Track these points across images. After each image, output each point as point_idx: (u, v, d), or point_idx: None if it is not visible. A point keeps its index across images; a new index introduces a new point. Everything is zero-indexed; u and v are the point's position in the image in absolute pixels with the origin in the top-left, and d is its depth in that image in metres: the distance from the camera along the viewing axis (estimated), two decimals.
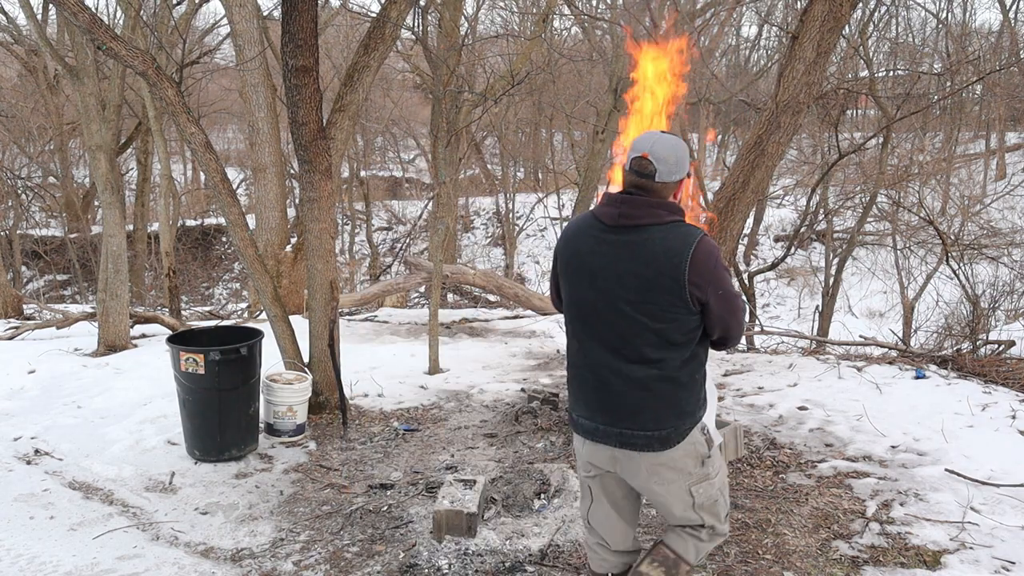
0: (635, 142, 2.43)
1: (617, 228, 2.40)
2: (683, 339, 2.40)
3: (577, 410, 2.58)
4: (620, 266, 2.38)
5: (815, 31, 6.53)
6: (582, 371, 2.54)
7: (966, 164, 18.87)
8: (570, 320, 2.58)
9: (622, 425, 2.46)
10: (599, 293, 2.43)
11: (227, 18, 9.06)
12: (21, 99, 19.77)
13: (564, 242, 2.55)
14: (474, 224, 25.86)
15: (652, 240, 2.36)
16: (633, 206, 2.39)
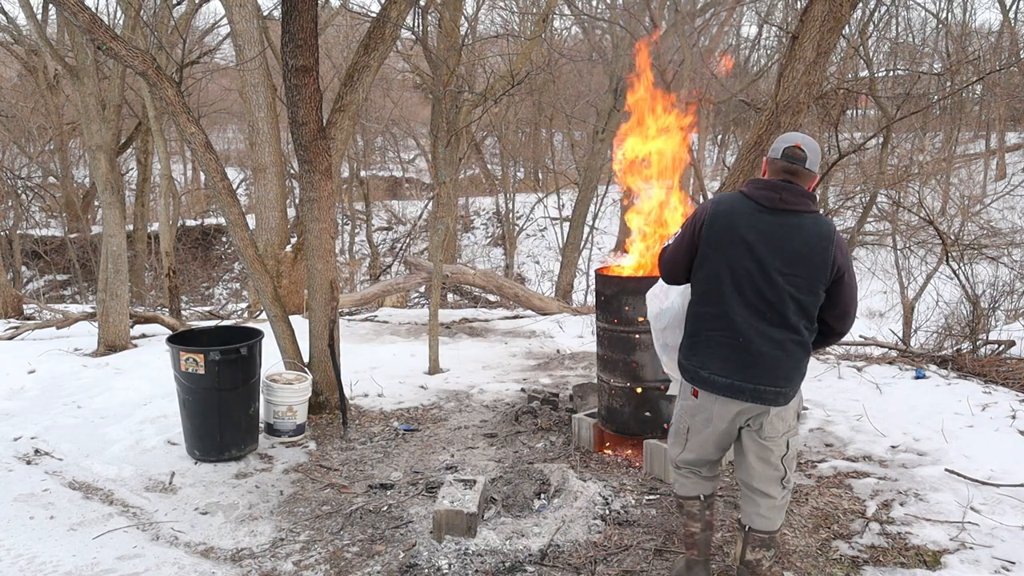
0: (784, 137, 2.94)
1: (775, 211, 2.84)
2: (814, 311, 2.86)
3: (710, 368, 2.92)
4: (776, 243, 2.80)
5: (815, 31, 6.53)
6: (723, 333, 2.89)
7: (966, 164, 18.86)
8: (713, 286, 2.90)
9: (757, 381, 2.85)
10: (756, 263, 2.81)
11: (227, 18, 9.06)
12: (21, 99, 19.76)
13: (716, 217, 2.89)
14: (474, 224, 25.86)
15: (805, 224, 2.82)
16: (792, 193, 2.85)
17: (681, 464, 3.18)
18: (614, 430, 4.62)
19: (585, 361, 7.21)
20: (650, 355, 4.39)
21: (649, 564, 3.42)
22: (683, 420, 3.12)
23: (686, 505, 3.18)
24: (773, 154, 2.93)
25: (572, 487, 4.06)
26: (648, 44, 4.71)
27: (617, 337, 4.48)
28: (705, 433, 3.04)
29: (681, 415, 3.13)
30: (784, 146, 2.91)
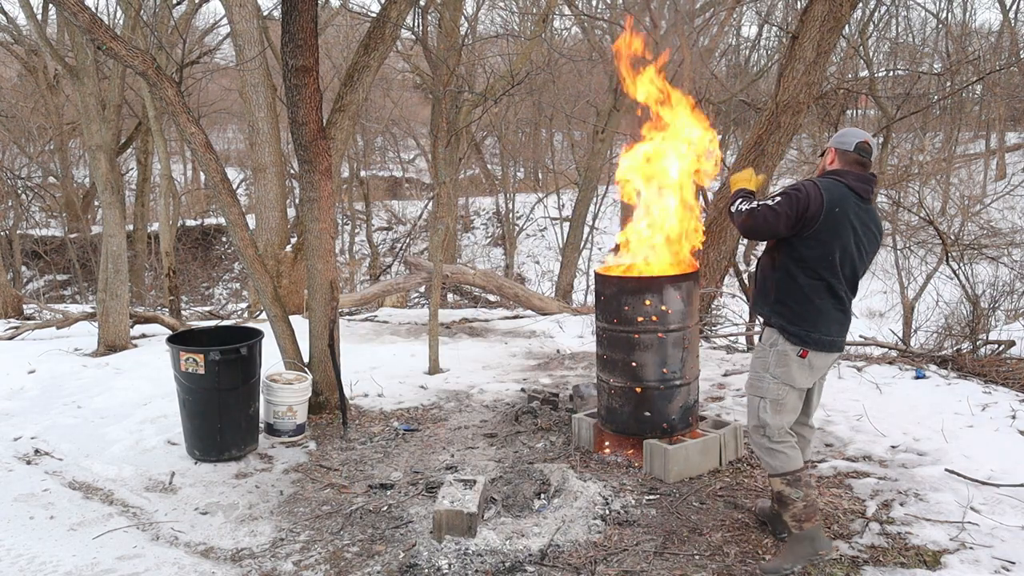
0: (849, 132, 3.38)
1: (866, 200, 3.37)
2: None
3: (828, 333, 3.40)
4: (867, 228, 3.37)
5: (815, 31, 6.53)
6: (833, 302, 3.40)
7: (966, 164, 18.85)
8: (828, 263, 3.34)
9: (845, 336, 3.52)
10: (856, 245, 3.34)
11: (227, 18, 9.06)
12: (21, 99, 19.76)
13: (832, 204, 3.27)
14: (474, 224, 25.86)
15: (874, 212, 3.45)
16: (874, 185, 3.42)
17: (783, 433, 3.46)
18: (614, 430, 4.62)
19: (585, 361, 7.21)
20: (650, 355, 4.39)
21: (649, 564, 3.42)
22: (780, 388, 3.43)
23: (802, 476, 3.41)
24: (844, 147, 3.36)
25: (572, 487, 4.06)
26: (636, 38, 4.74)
27: (617, 337, 4.48)
28: (801, 389, 3.49)
29: (776, 384, 3.43)
30: (856, 140, 3.35)
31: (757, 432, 3.46)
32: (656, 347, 4.38)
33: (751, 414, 3.50)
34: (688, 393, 4.51)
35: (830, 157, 3.40)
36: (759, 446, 3.46)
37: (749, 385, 3.53)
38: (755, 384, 3.48)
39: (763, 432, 3.43)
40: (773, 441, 3.41)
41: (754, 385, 3.49)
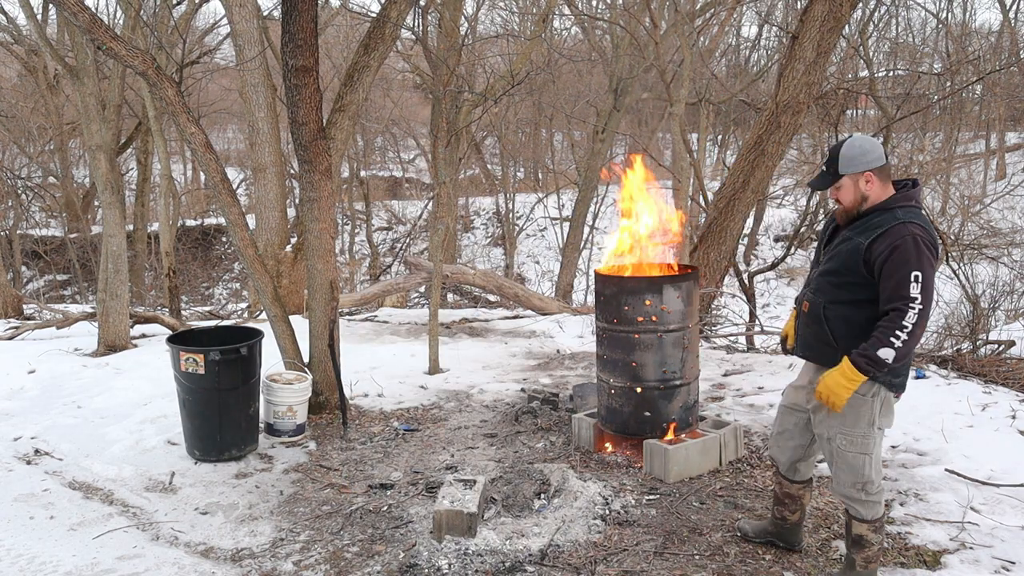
0: (863, 147, 3.02)
1: None
2: None
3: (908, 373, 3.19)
4: None
5: (815, 31, 6.53)
6: None
7: (966, 164, 18.85)
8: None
9: None
10: None
11: (227, 18, 9.06)
12: (21, 99, 19.77)
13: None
14: (474, 224, 25.86)
15: None
16: None
17: (881, 483, 3.18)
18: (614, 430, 4.62)
19: (585, 361, 7.21)
20: (649, 355, 4.39)
21: (649, 564, 3.42)
22: (881, 438, 3.15)
23: (883, 521, 3.20)
24: (878, 162, 2.99)
25: (572, 487, 4.06)
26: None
27: (617, 337, 4.48)
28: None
29: (881, 436, 3.14)
30: (879, 150, 3.05)
31: (856, 489, 3.10)
32: (656, 347, 4.38)
33: (852, 471, 3.07)
34: (688, 393, 4.51)
35: (872, 183, 2.98)
36: (854, 500, 3.12)
37: (850, 443, 3.06)
38: (860, 442, 3.05)
39: (864, 487, 3.09)
40: (871, 494, 3.10)
41: (859, 443, 3.05)
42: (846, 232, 3.07)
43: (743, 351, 7.63)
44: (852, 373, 2.90)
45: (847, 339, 3.00)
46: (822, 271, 3.13)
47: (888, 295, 2.86)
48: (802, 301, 3.25)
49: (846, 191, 3.04)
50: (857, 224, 3.03)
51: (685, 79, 9.65)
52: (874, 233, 2.93)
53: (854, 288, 2.99)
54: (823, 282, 3.10)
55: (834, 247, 3.11)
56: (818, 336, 3.13)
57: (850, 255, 2.98)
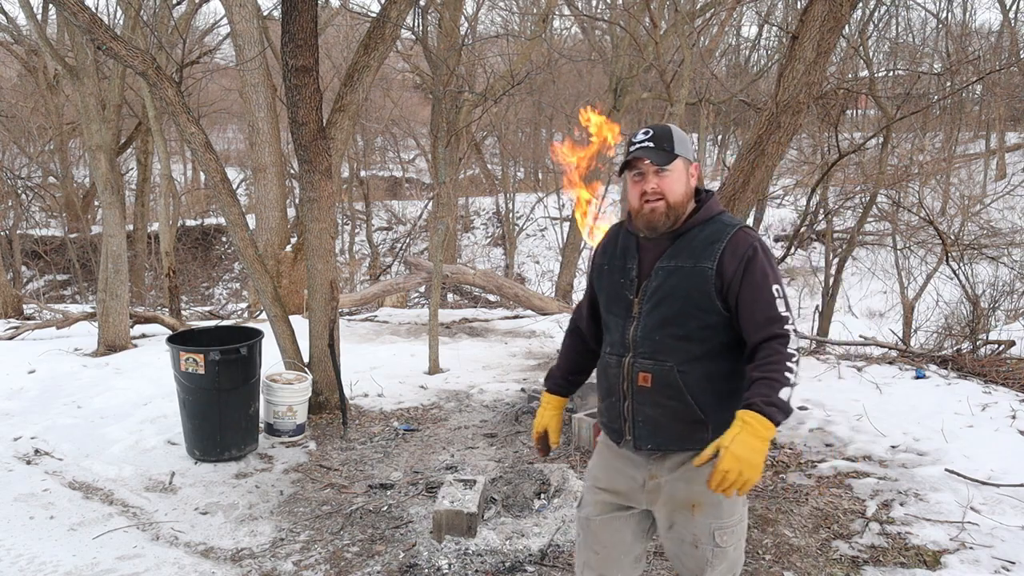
0: (680, 134, 2.34)
1: None
2: None
3: None
4: None
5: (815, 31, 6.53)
6: None
7: (966, 164, 18.85)
8: None
9: None
10: None
11: (227, 18, 9.06)
12: (21, 99, 19.76)
13: None
14: (474, 224, 25.85)
15: None
16: None
17: None
18: None
19: None
20: None
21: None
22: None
23: None
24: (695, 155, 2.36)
25: (572, 487, 4.06)
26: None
27: None
28: None
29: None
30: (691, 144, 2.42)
31: None
32: None
33: (731, 567, 2.32)
34: None
35: (695, 181, 2.31)
36: None
37: (731, 535, 2.28)
38: (739, 528, 2.31)
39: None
40: None
41: (738, 531, 2.30)
42: (666, 263, 2.23)
43: None
44: (765, 428, 2.02)
45: (716, 407, 2.21)
46: (653, 324, 2.22)
47: (756, 323, 2.15)
48: (624, 373, 2.28)
49: (677, 179, 2.23)
50: (681, 246, 2.23)
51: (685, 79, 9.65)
52: (714, 251, 2.19)
53: (708, 334, 2.20)
54: (662, 338, 2.21)
55: (656, 286, 2.23)
56: (678, 414, 2.22)
57: (695, 290, 2.19)
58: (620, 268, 2.34)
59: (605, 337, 2.42)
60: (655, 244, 2.29)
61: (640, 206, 2.25)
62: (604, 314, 2.41)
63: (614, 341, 2.34)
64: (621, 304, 2.32)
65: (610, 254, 2.39)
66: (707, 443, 2.11)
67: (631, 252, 2.33)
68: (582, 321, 2.57)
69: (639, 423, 2.28)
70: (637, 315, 2.27)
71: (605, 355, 2.39)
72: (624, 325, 2.30)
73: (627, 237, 2.37)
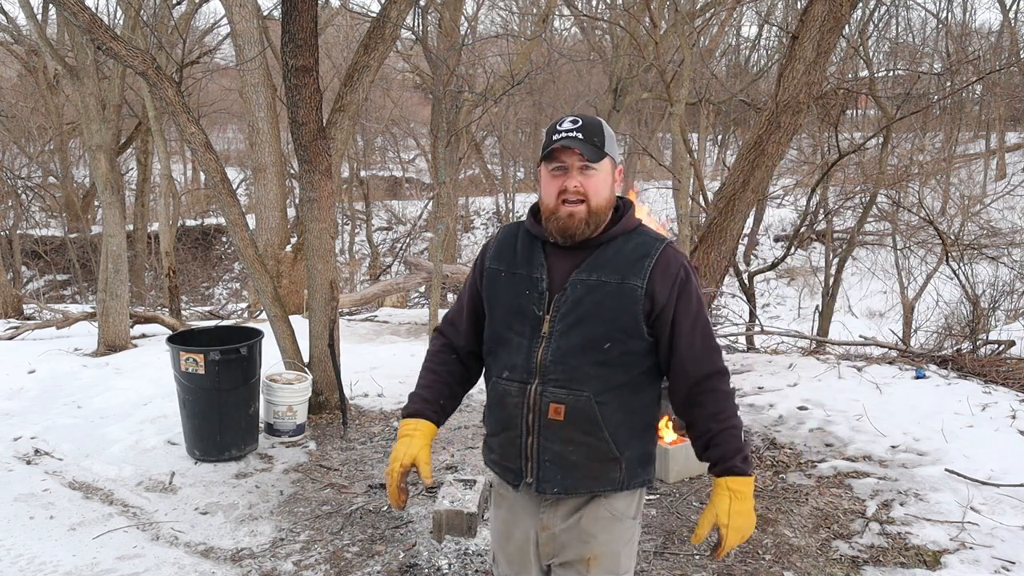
0: (610, 131, 2.06)
1: None
2: None
3: None
4: None
5: (815, 31, 6.53)
6: None
7: (966, 164, 18.86)
8: None
9: None
10: None
11: (227, 18, 9.06)
12: (21, 99, 19.77)
13: None
14: (474, 224, 25.86)
15: None
16: None
17: None
18: None
19: None
20: None
21: (649, 564, 3.42)
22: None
23: None
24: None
25: None
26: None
27: None
28: None
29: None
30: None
31: None
32: None
33: None
34: None
35: (620, 180, 2.03)
36: None
37: None
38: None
39: None
40: None
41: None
42: (585, 276, 1.91)
43: (743, 351, 7.63)
44: (750, 487, 2.01)
45: (630, 442, 1.98)
46: (570, 346, 1.90)
47: (695, 357, 1.94)
48: (530, 404, 1.93)
49: (603, 181, 1.92)
50: (602, 258, 1.93)
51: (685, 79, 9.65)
52: (643, 267, 1.91)
53: (630, 361, 1.93)
54: (579, 363, 1.89)
55: (574, 302, 1.90)
56: (592, 451, 1.93)
57: (622, 311, 1.89)
58: (524, 277, 1.96)
59: (496, 359, 2.01)
60: (568, 252, 1.95)
61: (556, 206, 1.91)
62: (498, 331, 2.00)
63: (514, 364, 1.95)
64: (525, 320, 1.94)
65: (508, 259, 2.01)
66: (619, 483, 1.96)
67: (537, 259, 1.97)
68: (458, 336, 2.14)
69: (546, 463, 1.94)
70: (547, 335, 1.91)
71: (499, 381, 1.99)
72: (530, 346, 1.93)
73: (530, 241, 2.01)
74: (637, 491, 2.07)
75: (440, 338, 2.18)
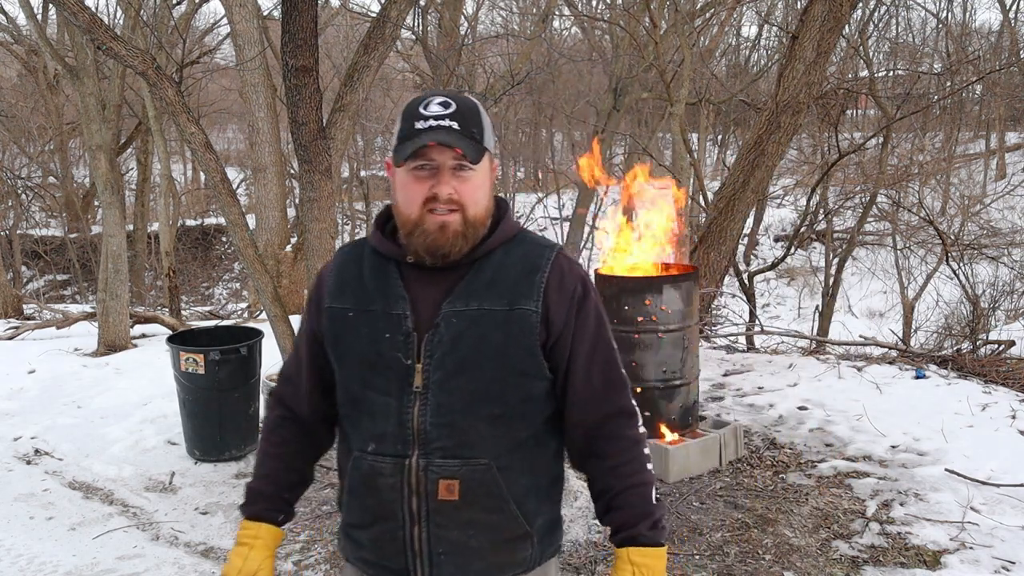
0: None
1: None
2: None
3: None
4: None
5: (815, 31, 6.53)
6: None
7: (966, 164, 18.86)
8: None
9: None
10: None
11: (227, 18, 9.06)
12: (21, 99, 19.77)
13: None
14: None
15: None
16: None
17: None
18: None
19: None
20: (649, 355, 4.39)
21: None
22: None
23: None
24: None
25: (572, 487, 4.05)
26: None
27: (617, 337, 4.47)
28: None
29: None
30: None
31: None
32: (656, 347, 4.38)
33: None
34: (688, 393, 4.51)
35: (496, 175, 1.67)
36: None
37: None
38: None
39: None
40: None
41: None
42: (462, 304, 1.46)
43: (743, 351, 7.63)
44: (661, 560, 1.56)
45: (540, 508, 1.62)
46: (455, 402, 1.46)
47: (595, 393, 1.56)
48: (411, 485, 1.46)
49: (481, 184, 1.50)
50: (480, 278, 1.49)
51: (685, 79, 9.65)
52: (535, 284, 1.50)
53: (531, 410, 1.53)
54: (470, 422, 1.46)
55: (451, 341, 1.45)
56: (499, 531, 1.53)
57: (515, 345, 1.47)
58: (380, 316, 1.48)
59: (356, 427, 1.53)
60: (433, 276, 1.49)
61: (421, 217, 1.44)
62: (353, 390, 1.52)
63: (382, 434, 1.48)
64: (389, 373, 1.47)
65: (354, 293, 1.52)
66: (530, 562, 1.62)
67: (394, 288, 1.49)
68: (299, 401, 1.63)
69: (440, 556, 1.49)
70: (421, 389, 1.46)
71: (364, 457, 1.50)
72: (400, 407, 1.46)
73: (380, 264, 1.52)
74: (552, 564, 1.76)
75: (277, 407, 1.67)
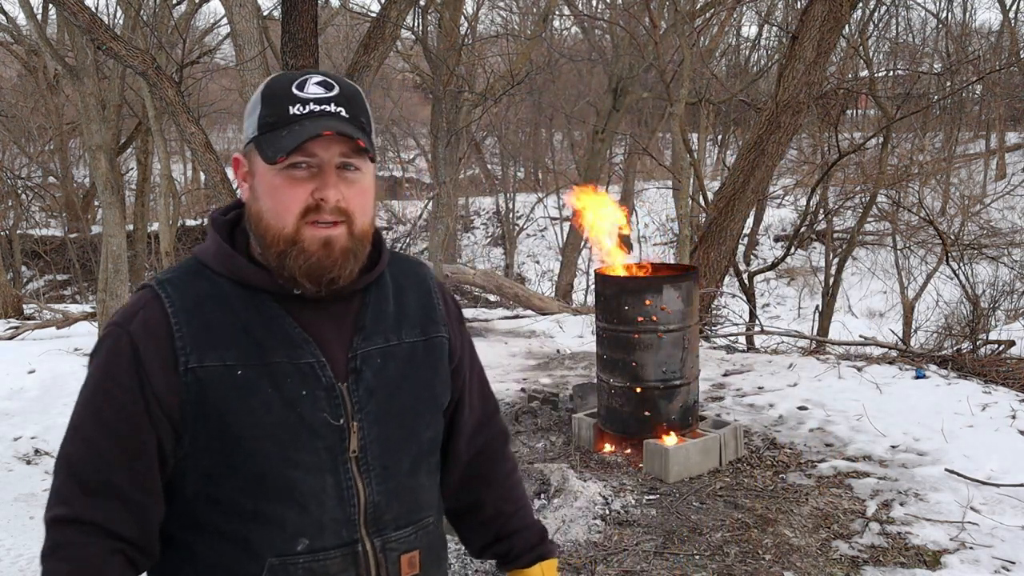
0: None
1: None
2: None
3: None
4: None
5: (815, 31, 6.53)
6: None
7: (966, 164, 18.86)
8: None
9: None
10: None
11: (227, 18, 9.04)
12: (21, 99, 19.77)
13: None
14: (474, 224, 25.86)
15: None
16: None
17: None
18: (614, 430, 4.62)
19: (585, 361, 7.20)
20: (650, 355, 4.39)
21: (649, 564, 3.42)
22: None
23: None
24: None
25: (572, 487, 4.06)
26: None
27: (617, 337, 4.48)
28: None
29: None
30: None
31: None
32: (656, 347, 4.38)
33: None
34: (688, 393, 4.52)
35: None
36: None
37: None
38: None
39: None
40: None
41: None
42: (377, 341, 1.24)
43: (743, 351, 7.64)
44: (555, 568, 1.47)
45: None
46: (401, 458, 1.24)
47: (487, 416, 1.47)
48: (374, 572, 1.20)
49: (367, 189, 1.22)
50: (381, 307, 1.28)
51: (685, 79, 9.65)
52: (435, 307, 1.39)
53: (437, 444, 1.35)
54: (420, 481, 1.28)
55: (382, 388, 1.22)
56: None
57: (435, 376, 1.32)
58: (288, 369, 1.16)
59: (268, 528, 1.16)
60: (326, 308, 1.21)
61: (297, 230, 1.14)
62: (268, 477, 1.15)
63: (319, 524, 1.17)
64: (317, 442, 1.16)
65: (236, 342, 1.15)
66: None
67: (289, 329, 1.17)
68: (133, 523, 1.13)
69: None
70: (360, 452, 1.19)
71: (294, 563, 1.16)
72: (337, 483, 1.17)
73: (249, 298, 1.18)
74: None
75: (96, 540, 1.11)
